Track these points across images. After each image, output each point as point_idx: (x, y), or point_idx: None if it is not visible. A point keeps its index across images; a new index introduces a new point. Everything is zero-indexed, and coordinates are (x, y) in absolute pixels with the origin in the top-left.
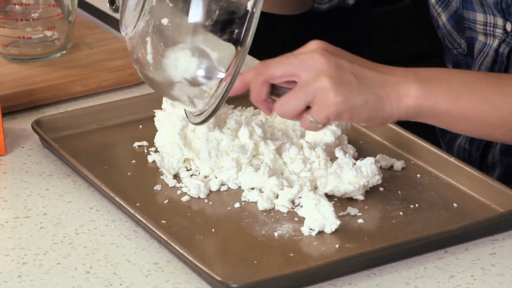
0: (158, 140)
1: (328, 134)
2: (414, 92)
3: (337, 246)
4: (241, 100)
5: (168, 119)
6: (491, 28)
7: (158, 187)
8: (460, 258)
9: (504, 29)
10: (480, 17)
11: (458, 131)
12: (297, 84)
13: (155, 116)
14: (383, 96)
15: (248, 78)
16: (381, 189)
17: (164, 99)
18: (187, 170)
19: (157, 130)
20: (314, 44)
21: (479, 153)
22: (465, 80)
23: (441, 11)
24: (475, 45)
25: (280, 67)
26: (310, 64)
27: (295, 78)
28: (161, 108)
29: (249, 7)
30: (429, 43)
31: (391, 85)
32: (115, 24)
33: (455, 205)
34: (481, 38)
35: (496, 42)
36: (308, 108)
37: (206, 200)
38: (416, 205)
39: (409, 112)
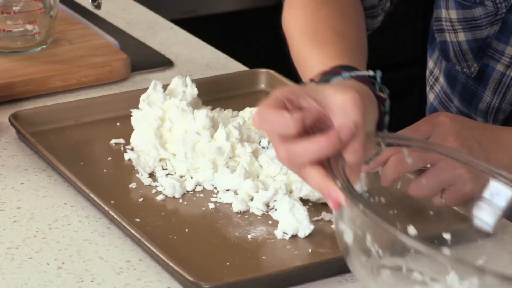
0: (134, 139)
1: None
2: None
3: (310, 250)
4: (219, 101)
5: (145, 118)
6: None
7: (133, 185)
8: None
9: None
10: (510, 50)
11: None
12: (433, 168)
13: (131, 115)
14: None
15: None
16: None
17: (142, 98)
18: (163, 169)
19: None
20: (445, 126)
21: None
22: None
23: (461, 30)
24: (492, 74)
25: (416, 162)
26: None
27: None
28: (138, 108)
29: None
30: (412, 50)
31: None
32: (96, 20)
33: (431, 213)
34: (499, 68)
35: None
36: None
37: (181, 200)
38: (395, 211)
39: None
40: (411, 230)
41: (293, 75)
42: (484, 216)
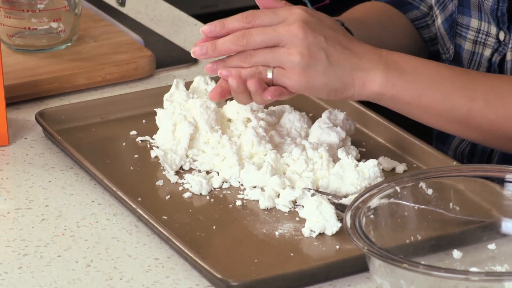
0: (158, 138)
1: (332, 135)
2: (380, 81)
3: (337, 247)
4: None
5: (169, 117)
6: (483, 36)
7: (160, 183)
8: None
9: (497, 38)
10: (474, 23)
11: (417, 120)
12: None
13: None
14: (348, 82)
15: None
16: None
17: (165, 97)
18: (190, 167)
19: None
20: (296, 14)
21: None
22: (432, 75)
23: (438, 13)
24: (463, 55)
25: (259, 37)
26: (287, 36)
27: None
28: (162, 106)
29: None
30: None
31: (359, 70)
32: (120, 17)
33: (457, 208)
34: (467, 47)
35: (489, 51)
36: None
37: (207, 197)
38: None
39: (371, 98)
40: (456, 254)
41: None
42: None
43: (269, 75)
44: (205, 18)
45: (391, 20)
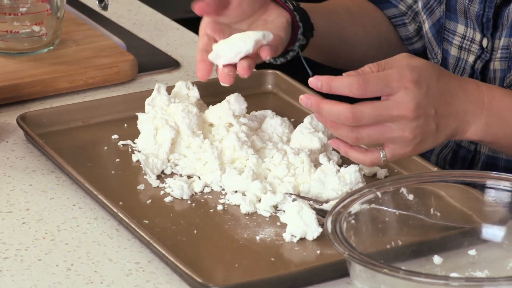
0: (140, 142)
1: (314, 141)
2: (481, 133)
3: (318, 252)
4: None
5: (150, 121)
6: (468, 43)
7: (141, 187)
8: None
9: (480, 44)
10: (460, 29)
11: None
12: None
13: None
14: (452, 136)
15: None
16: None
17: (147, 102)
18: (171, 171)
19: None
20: (408, 89)
21: None
22: None
23: (426, 18)
24: (449, 60)
25: (371, 116)
26: (399, 117)
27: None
28: (144, 111)
29: None
30: None
31: (462, 124)
32: (103, 21)
33: (438, 214)
34: (453, 52)
35: (472, 58)
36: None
37: (189, 202)
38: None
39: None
40: (437, 260)
41: (299, 75)
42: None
43: (383, 157)
44: (188, 22)
45: (367, 16)
